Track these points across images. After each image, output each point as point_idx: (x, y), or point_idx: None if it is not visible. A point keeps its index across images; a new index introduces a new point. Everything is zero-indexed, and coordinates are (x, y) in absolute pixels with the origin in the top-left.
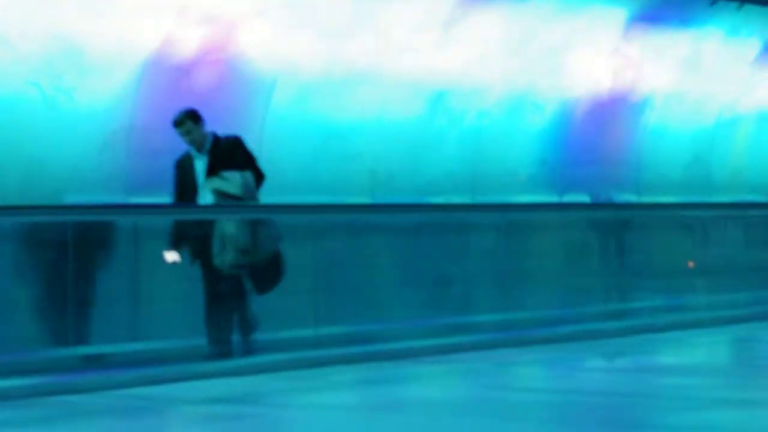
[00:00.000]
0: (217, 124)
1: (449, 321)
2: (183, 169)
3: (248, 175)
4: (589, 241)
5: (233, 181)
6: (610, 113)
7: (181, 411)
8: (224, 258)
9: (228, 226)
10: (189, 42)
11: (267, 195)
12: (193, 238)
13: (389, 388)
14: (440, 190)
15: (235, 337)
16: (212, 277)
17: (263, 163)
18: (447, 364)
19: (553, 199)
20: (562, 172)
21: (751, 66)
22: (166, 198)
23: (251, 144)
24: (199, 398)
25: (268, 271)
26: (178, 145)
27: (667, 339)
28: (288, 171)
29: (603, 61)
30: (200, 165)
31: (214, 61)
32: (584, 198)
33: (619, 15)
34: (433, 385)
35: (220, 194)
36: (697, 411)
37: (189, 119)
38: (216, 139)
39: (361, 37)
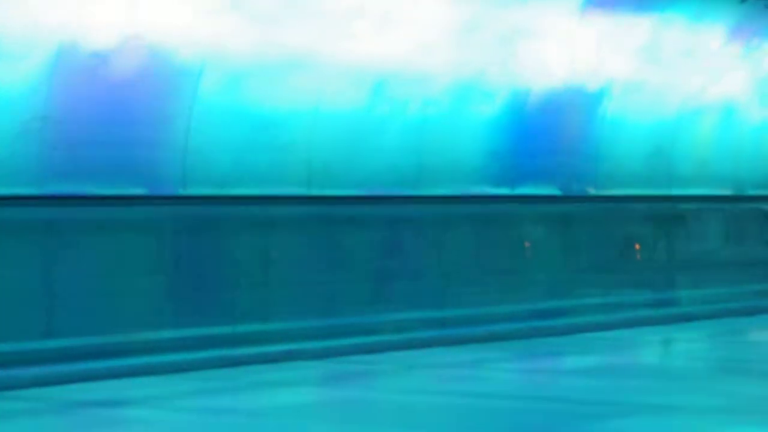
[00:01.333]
0: (141, 114)
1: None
2: None
3: None
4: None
5: None
6: (565, 103)
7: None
8: None
9: None
10: (107, 27)
11: (196, 188)
12: None
13: (265, 393)
14: (382, 183)
15: None
16: None
17: (191, 154)
18: (347, 364)
19: (505, 191)
20: (514, 164)
21: (716, 54)
22: (84, 189)
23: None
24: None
25: None
26: (95, 136)
27: (614, 337)
28: (218, 162)
29: (557, 48)
30: None
31: (135, 47)
32: (545, 191)
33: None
34: (316, 389)
35: None
36: (607, 419)
37: None
38: None
39: (295, 20)
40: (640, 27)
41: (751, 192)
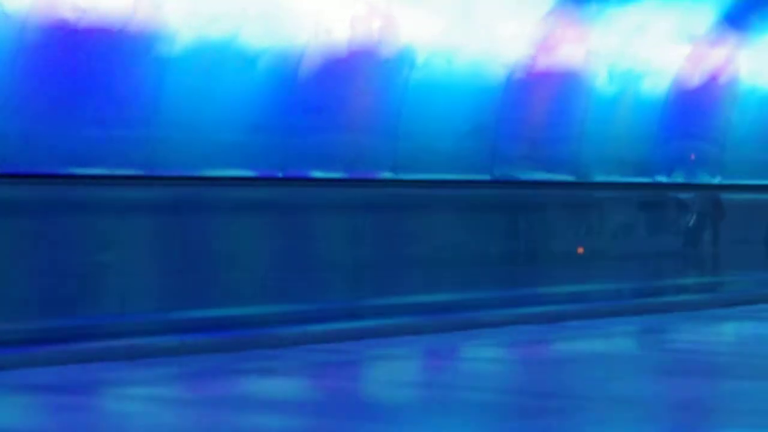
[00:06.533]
0: None
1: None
2: None
3: None
4: None
5: None
6: (351, 70)
7: None
8: None
9: None
10: None
11: None
12: None
13: None
14: (98, 160)
15: None
16: None
17: None
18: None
19: (272, 173)
20: (284, 142)
21: (546, 19)
22: None
23: None
24: None
25: None
26: None
27: (354, 350)
28: None
29: (337, 5)
30: None
31: None
32: (326, 173)
33: None
34: None
35: None
36: None
37: None
38: None
39: None
40: None
41: (598, 178)
